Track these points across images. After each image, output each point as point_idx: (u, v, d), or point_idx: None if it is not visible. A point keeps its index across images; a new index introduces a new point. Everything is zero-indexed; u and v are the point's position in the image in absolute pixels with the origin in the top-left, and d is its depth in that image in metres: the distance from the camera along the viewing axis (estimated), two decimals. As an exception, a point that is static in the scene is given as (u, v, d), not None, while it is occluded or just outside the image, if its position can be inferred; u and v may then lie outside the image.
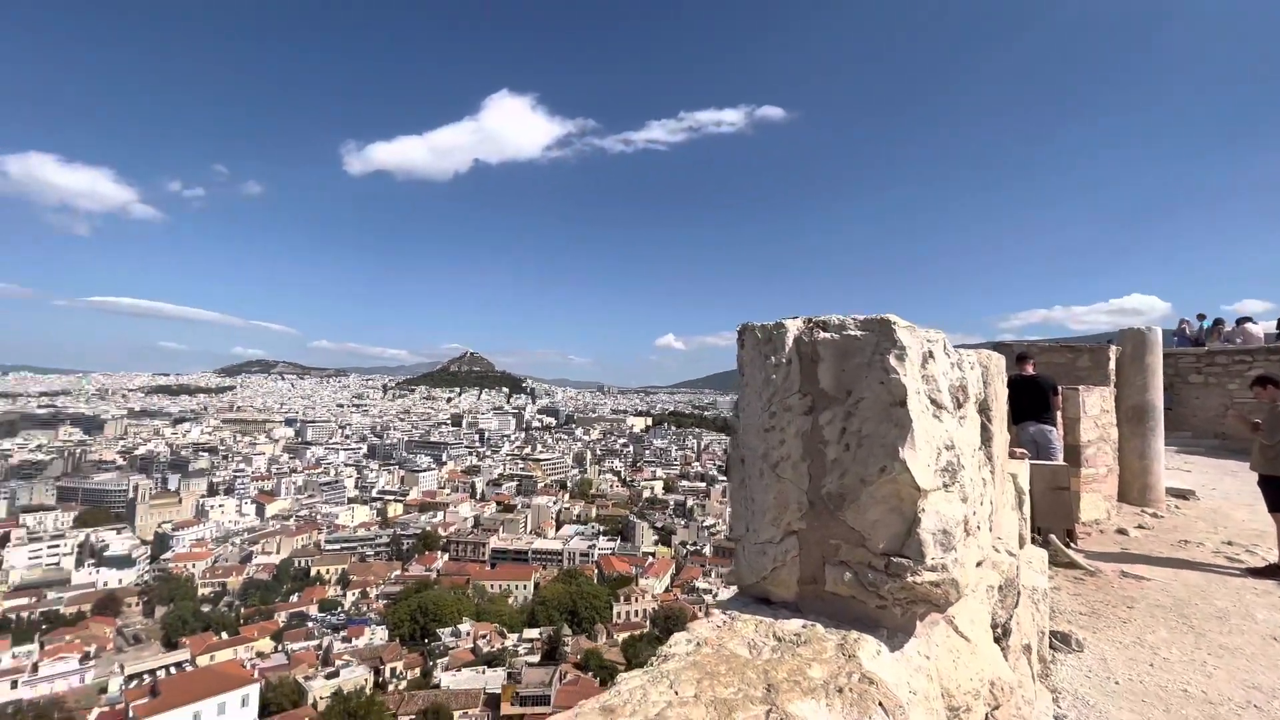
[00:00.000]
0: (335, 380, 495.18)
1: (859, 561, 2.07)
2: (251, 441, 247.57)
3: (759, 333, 2.38)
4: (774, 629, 2.02)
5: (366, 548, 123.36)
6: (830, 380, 2.13)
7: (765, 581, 2.30)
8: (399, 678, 62.97)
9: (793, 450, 2.19)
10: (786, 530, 2.21)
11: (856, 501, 2.05)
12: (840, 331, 2.13)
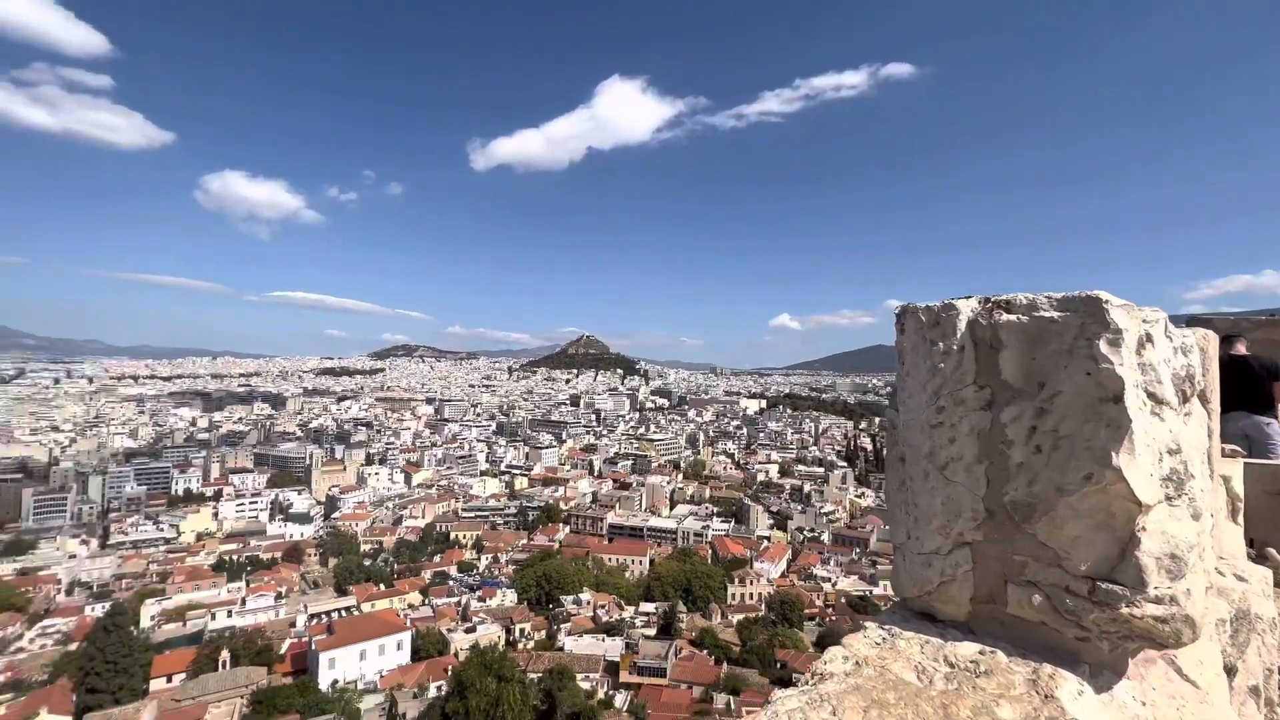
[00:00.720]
0: (467, 363, 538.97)
1: (1053, 583, 1.76)
2: (399, 418, 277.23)
3: (923, 315, 2.06)
4: (945, 652, 1.76)
5: (497, 517, 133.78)
6: (1016, 370, 1.83)
7: (931, 597, 2.04)
8: (527, 638, 67.94)
9: (966, 450, 1.92)
10: (958, 541, 1.96)
11: (1051, 513, 1.74)
12: (1030, 313, 1.81)
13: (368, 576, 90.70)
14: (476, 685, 46.53)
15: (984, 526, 1.89)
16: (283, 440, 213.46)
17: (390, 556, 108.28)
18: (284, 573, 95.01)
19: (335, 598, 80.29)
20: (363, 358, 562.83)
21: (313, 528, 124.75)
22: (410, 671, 57.32)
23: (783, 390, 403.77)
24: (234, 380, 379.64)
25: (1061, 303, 1.78)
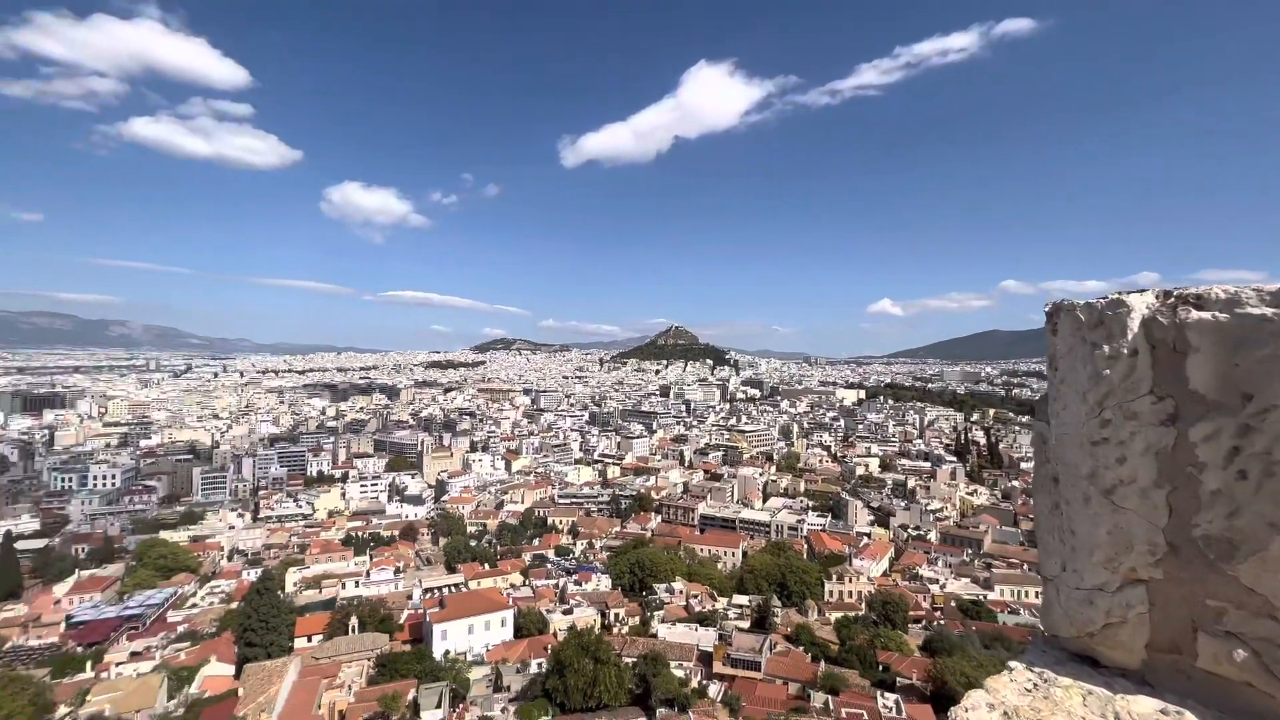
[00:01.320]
0: (560, 355, 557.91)
1: (1263, 637, 1.44)
2: (499, 408, 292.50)
3: (1082, 313, 1.75)
4: (1115, 707, 1.48)
5: (591, 504, 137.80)
6: (1210, 379, 1.50)
7: (1094, 639, 1.73)
8: (621, 623, 69.55)
9: (1141, 472, 1.60)
10: (1128, 577, 1.66)
11: (1261, 554, 1.43)
12: (1230, 309, 1.48)
13: (474, 556, 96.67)
14: (574, 665, 48.27)
15: (1165, 563, 1.59)
16: (398, 428, 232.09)
17: (493, 538, 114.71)
18: (401, 549, 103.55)
19: (446, 574, 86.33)
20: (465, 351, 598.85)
21: (425, 509, 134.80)
22: (513, 647, 60.49)
23: (883, 380, 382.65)
24: (355, 373, 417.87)
25: (1276, 297, 1.46)
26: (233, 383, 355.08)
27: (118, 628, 70.57)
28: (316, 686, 49.76)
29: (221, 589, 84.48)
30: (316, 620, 66.15)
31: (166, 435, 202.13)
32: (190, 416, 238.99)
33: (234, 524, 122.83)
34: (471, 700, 50.58)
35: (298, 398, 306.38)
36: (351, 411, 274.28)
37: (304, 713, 45.86)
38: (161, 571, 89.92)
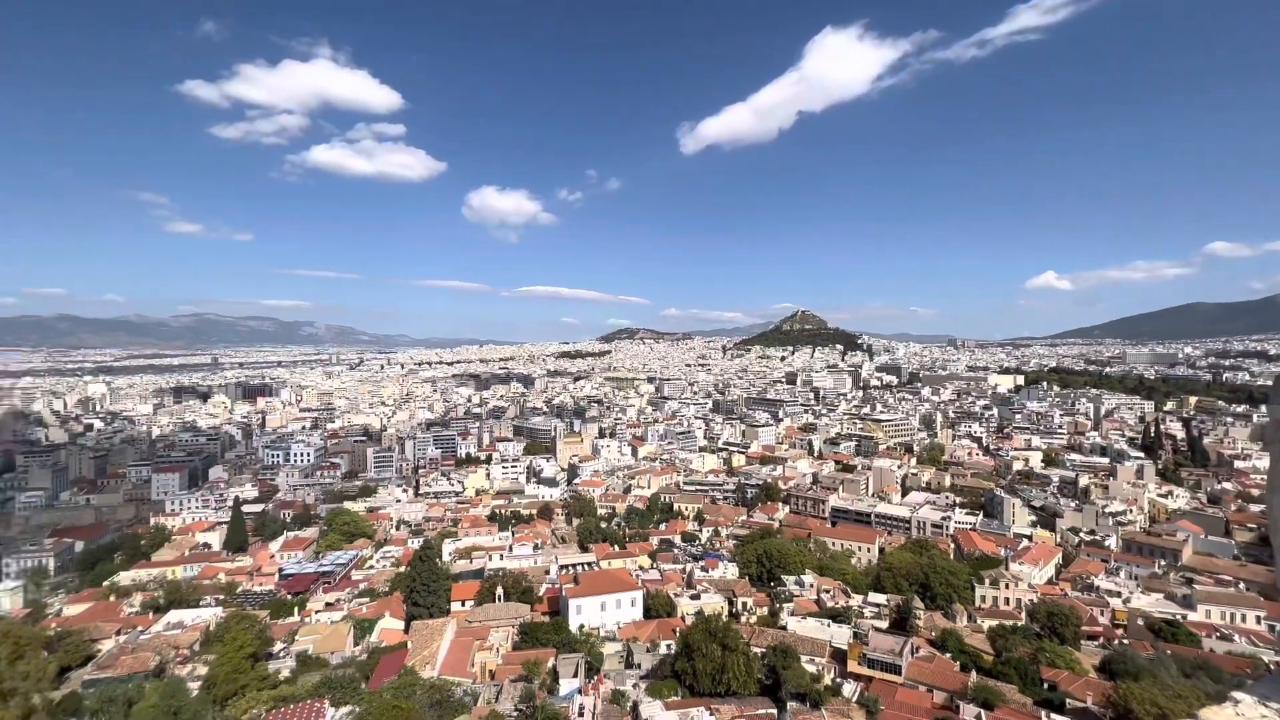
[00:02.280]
0: (683, 343, 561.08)
1: None
2: (625, 395, 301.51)
3: None
4: None
5: (716, 492, 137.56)
6: None
7: None
8: (749, 612, 68.83)
9: None
10: None
11: None
12: None
13: (604, 537, 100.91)
14: (702, 650, 48.64)
15: None
16: (533, 414, 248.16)
17: (622, 521, 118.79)
18: (539, 527, 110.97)
19: (579, 553, 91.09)
20: (592, 341, 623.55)
21: (559, 491, 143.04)
22: (643, 627, 62.36)
23: (1046, 363, 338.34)
24: (495, 364, 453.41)
25: None
26: (395, 374, 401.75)
27: (315, 581, 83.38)
28: (470, 646, 55.12)
29: (392, 554, 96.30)
30: (468, 587, 73.15)
31: (346, 420, 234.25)
32: (363, 403, 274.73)
33: (400, 498, 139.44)
34: (605, 673, 53.02)
35: (448, 387, 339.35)
36: (493, 399, 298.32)
37: (460, 669, 51.01)
38: (346, 536, 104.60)
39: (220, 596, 79.56)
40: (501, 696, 46.18)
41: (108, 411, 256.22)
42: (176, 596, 77.68)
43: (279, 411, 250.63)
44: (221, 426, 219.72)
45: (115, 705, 45.30)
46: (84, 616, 70.22)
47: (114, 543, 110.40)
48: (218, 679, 48.46)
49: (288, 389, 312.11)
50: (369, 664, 52.65)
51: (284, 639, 62.61)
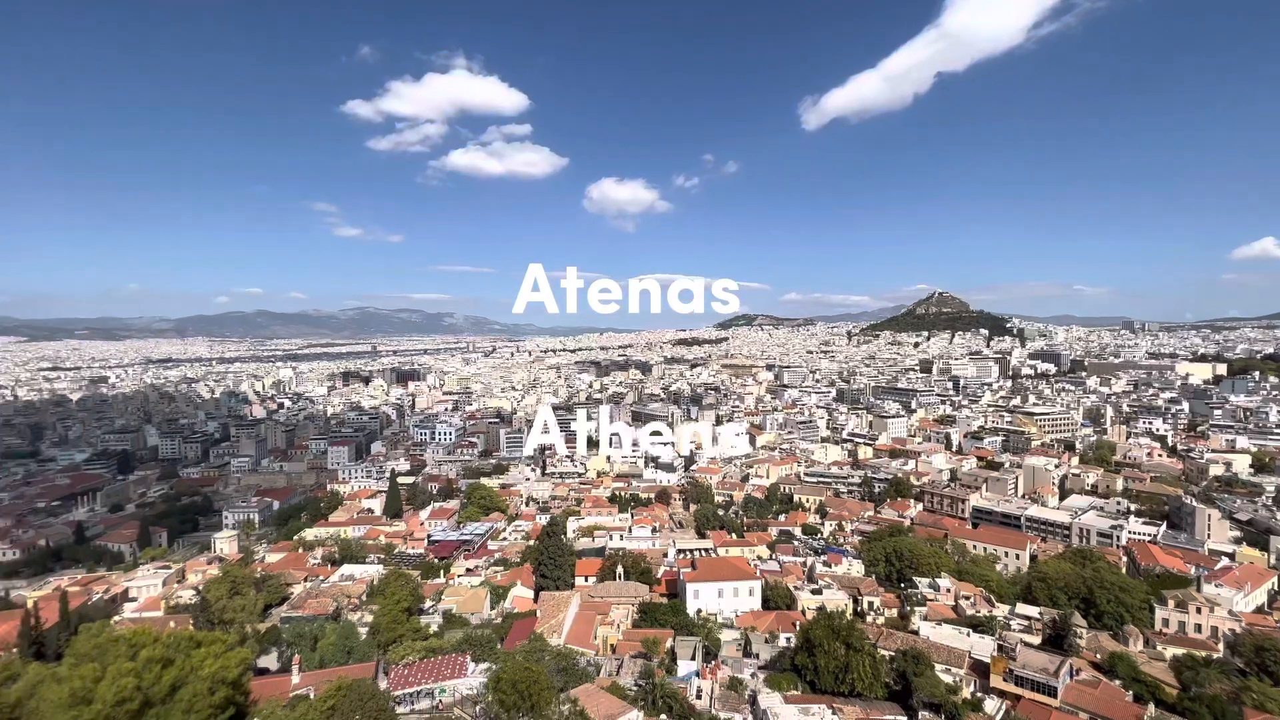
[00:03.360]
0: (804, 329, 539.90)
1: None
2: (743, 383, 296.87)
3: None
4: None
5: (840, 484, 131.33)
6: None
7: None
8: (876, 612, 65.08)
9: None
10: None
11: None
12: None
13: (722, 524, 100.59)
14: (824, 647, 46.85)
15: None
16: (651, 400, 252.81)
17: (739, 509, 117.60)
18: (657, 511, 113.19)
19: (696, 539, 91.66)
20: (709, 329, 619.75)
21: (676, 476, 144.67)
22: (761, 617, 61.41)
23: (1259, 349, 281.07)
24: (615, 351, 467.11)
25: None
26: (524, 361, 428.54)
27: (457, 548, 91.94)
28: (593, 620, 57.76)
29: (522, 528, 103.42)
30: (591, 564, 76.58)
31: (481, 403, 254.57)
32: (496, 388, 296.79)
33: (529, 476, 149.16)
34: (722, 660, 53.03)
35: (571, 373, 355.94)
36: (612, 385, 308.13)
37: (584, 640, 53.67)
38: (482, 509, 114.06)
39: (381, 556, 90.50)
40: (622, 670, 47.91)
41: (294, 393, 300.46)
42: (348, 553, 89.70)
43: (426, 395, 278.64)
44: (380, 407, 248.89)
45: (304, 639, 53.42)
46: (280, 564, 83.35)
47: (301, 504, 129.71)
48: (381, 626, 55.26)
49: (433, 374, 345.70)
50: (503, 627, 57.11)
51: (432, 598, 69.84)
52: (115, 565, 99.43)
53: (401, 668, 42.44)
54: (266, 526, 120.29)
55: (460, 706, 37.05)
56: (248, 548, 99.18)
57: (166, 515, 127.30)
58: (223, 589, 64.04)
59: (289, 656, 50.72)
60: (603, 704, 39.03)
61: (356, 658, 47.67)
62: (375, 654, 48.36)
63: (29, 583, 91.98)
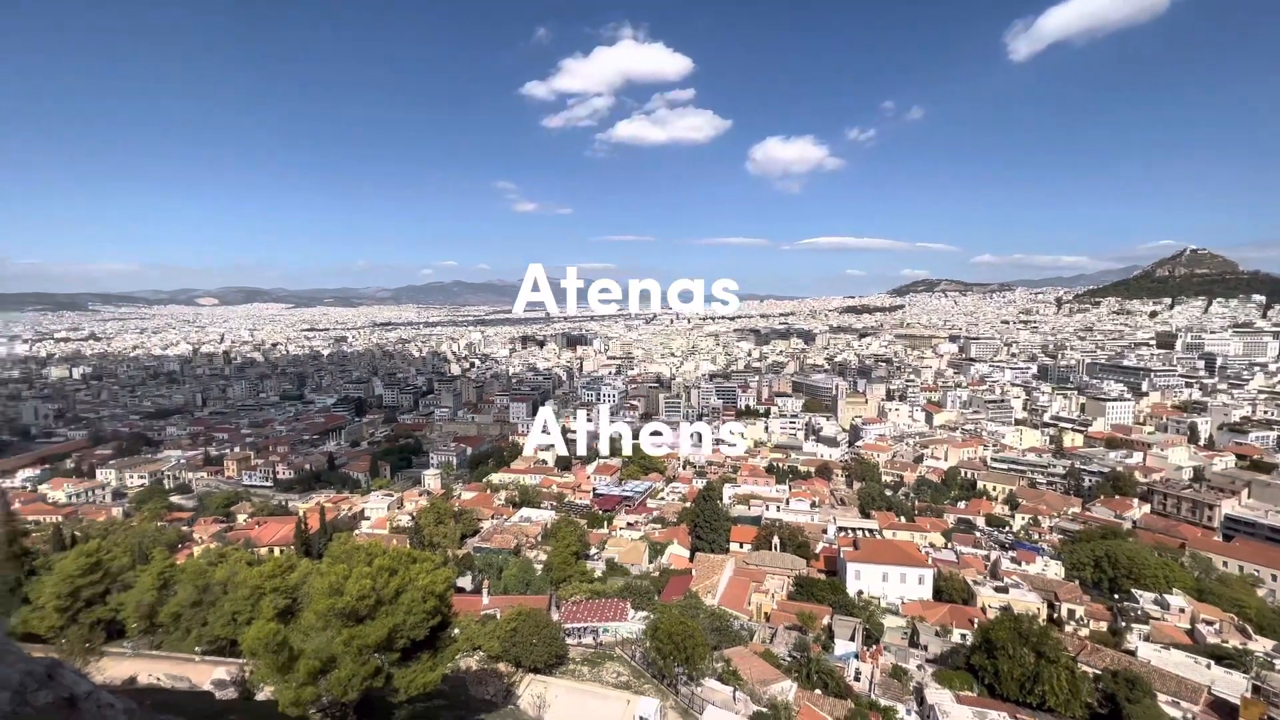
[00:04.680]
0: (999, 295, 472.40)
1: None
2: (919, 355, 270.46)
3: None
4: None
5: (1037, 474, 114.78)
6: None
7: None
8: (1078, 623, 56.39)
9: None
10: None
11: None
12: None
13: (888, 506, 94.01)
14: (1008, 650, 41.92)
15: None
16: (813, 371, 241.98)
17: (910, 492, 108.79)
18: (816, 485, 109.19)
19: (859, 518, 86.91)
20: (882, 295, 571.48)
21: (839, 451, 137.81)
22: (932, 608, 56.72)
23: None
24: (775, 319, 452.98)
25: None
26: (683, 328, 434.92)
27: (619, 503, 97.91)
28: (747, 586, 58.06)
29: (679, 490, 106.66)
30: (746, 531, 76.68)
31: (642, 368, 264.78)
32: (656, 354, 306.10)
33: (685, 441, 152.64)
34: (885, 645, 50.14)
35: (729, 341, 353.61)
36: (772, 354, 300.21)
37: (737, 603, 54.27)
38: (642, 468, 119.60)
39: (553, 503, 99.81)
40: (775, 639, 47.67)
41: (482, 354, 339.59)
42: (526, 498, 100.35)
43: (592, 358, 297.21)
44: (552, 369, 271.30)
45: (492, 568, 61.34)
46: (472, 501, 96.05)
47: (489, 451, 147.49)
48: (553, 565, 61.33)
49: (598, 339, 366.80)
50: (660, 580, 59.94)
51: (596, 545, 75.54)
52: (354, 490, 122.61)
53: (570, 604, 46.72)
54: (462, 469, 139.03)
55: (620, 647, 39.85)
56: (448, 485, 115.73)
57: (389, 453, 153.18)
58: (430, 517, 75.83)
59: (480, 581, 58.66)
60: (756, 667, 39.28)
61: (533, 589, 53.56)
62: (548, 589, 53.86)
63: (299, 497, 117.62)
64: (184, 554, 58.33)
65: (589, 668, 36.28)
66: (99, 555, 43.83)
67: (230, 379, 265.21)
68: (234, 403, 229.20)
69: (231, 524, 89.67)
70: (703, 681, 35.30)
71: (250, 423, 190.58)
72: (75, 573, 41.24)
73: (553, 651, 34.66)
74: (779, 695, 35.94)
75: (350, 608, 20.02)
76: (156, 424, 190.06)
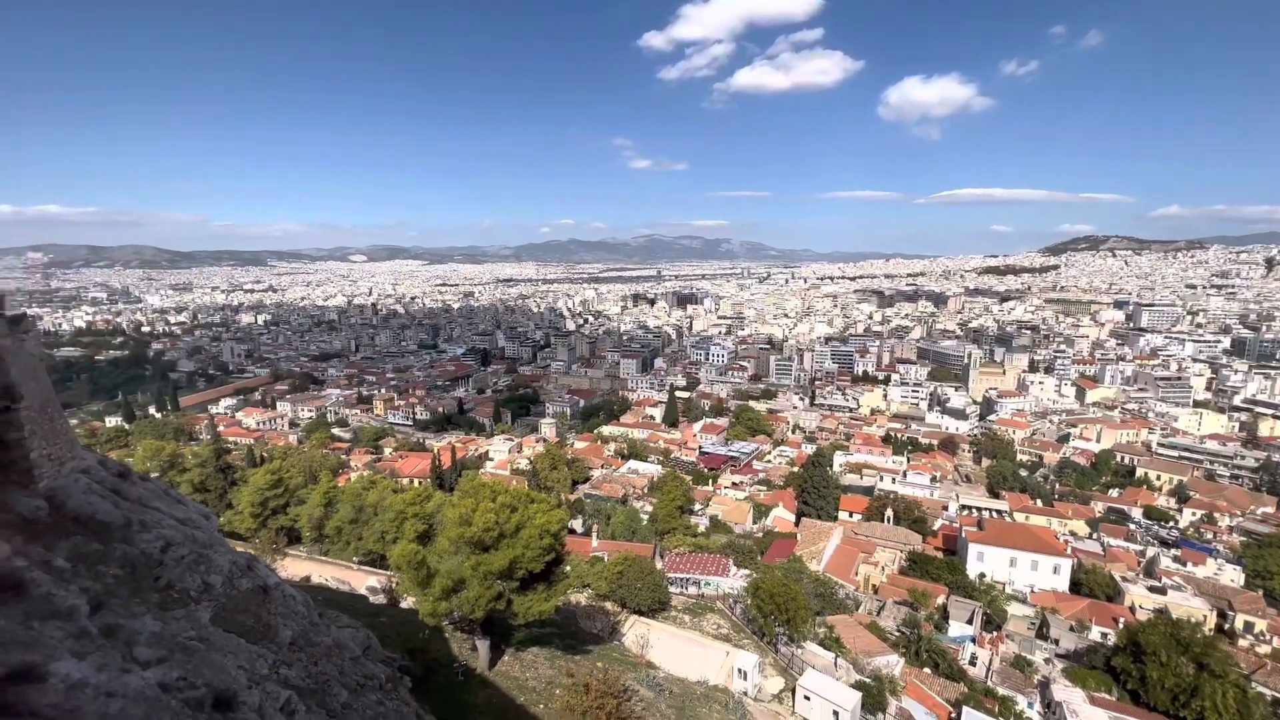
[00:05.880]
0: (1185, 255, 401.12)
1: None
2: (1074, 323, 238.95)
3: None
4: None
5: (1218, 465, 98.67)
6: None
7: None
8: (1257, 638, 48.64)
9: None
10: None
11: None
12: None
13: (1022, 487, 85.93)
14: (1161, 658, 37.35)
15: None
16: (943, 337, 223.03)
17: (1050, 474, 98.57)
18: (939, 459, 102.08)
19: (986, 497, 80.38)
20: (1031, 254, 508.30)
21: (967, 425, 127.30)
22: (1068, 602, 51.70)
23: None
24: (902, 280, 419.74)
25: None
26: (798, 288, 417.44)
27: (725, 462, 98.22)
28: (855, 556, 56.36)
29: (787, 454, 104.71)
30: (857, 501, 73.93)
31: (753, 329, 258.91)
32: (768, 315, 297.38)
33: (796, 405, 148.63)
34: (1007, 633, 46.71)
35: (848, 302, 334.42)
36: (896, 317, 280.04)
37: (843, 573, 52.96)
38: (749, 429, 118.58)
39: (660, 457, 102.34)
40: (883, 613, 46.13)
41: (595, 310, 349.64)
42: (634, 451, 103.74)
43: (701, 318, 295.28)
44: (662, 327, 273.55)
45: (601, 514, 64.68)
46: (583, 451, 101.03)
47: (599, 404, 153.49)
48: (659, 516, 63.34)
49: (709, 299, 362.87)
50: (763, 541, 59.87)
51: (700, 502, 76.76)
52: (480, 433, 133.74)
53: (674, 555, 48.20)
54: (574, 419, 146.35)
55: (721, 601, 40.66)
56: (562, 434, 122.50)
57: (510, 400, 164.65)
58: (546, 462, 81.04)
59: (589, 525, 62.17)
60: (861, 638, 38.41)
61: (639, 537, 55.82)
62: (653, 539, 55.85)
63: (434, 435, 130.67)
64: (343, 478, 67.42)
65: (690, 616, 37.47)
66: (280, 474, 51.75)
67: (377, 328, 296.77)
68: (380, 349, 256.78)
69: (380, 455, 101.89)
70: (804, 644, 35.18)
71: (394, 368, 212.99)
72: (264, 486, 49.11)
73: (656, 597, 36.13)
74: (884, 668, 34.99)
75: (477, 537, 22.12)
76: (320, 365, 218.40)
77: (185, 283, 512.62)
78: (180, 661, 7.73)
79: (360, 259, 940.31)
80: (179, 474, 57.41)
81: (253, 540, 43.56)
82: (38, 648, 5.87)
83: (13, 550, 7.66)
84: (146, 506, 12.44)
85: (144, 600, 9.56)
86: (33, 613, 6.79)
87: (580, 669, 25.77)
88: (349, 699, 11.82)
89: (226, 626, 10.51)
